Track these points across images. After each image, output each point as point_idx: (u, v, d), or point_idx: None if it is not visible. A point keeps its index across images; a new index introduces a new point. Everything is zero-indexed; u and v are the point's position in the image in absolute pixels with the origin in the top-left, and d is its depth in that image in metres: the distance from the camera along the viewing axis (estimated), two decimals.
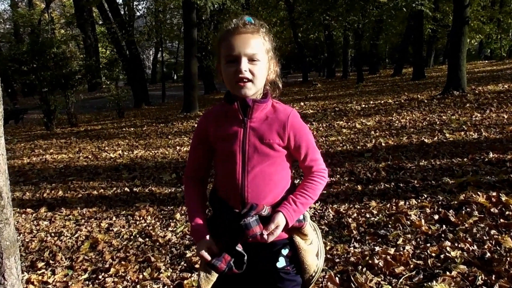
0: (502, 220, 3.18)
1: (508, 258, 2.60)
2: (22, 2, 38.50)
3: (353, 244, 3.18)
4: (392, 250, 2.94)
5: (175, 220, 4.22)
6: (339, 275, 2.75)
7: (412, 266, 2.71)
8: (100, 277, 3.20)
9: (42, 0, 36.71)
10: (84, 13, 26.15)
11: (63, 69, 13.58)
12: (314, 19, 18.82)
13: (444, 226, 3.23)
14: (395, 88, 14.98)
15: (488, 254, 2.68)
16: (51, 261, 3.61)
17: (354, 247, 3.13)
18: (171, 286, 2.95)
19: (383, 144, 6.16)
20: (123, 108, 16.15)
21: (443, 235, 3.08)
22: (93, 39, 29.69)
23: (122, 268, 3.28)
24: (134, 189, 5.47)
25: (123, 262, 3.39)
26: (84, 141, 10.42)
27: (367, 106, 10.54)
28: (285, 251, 1.56)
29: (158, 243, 3.72)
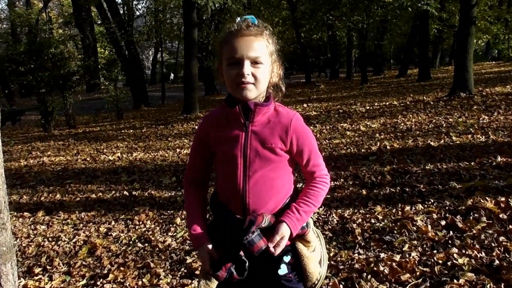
0: (511, 226, 3.16)
1: None
2: (20, 1, 38.55)
3: (358, 251, 3.17)
4: (398, 257, 2.93)
5: (175, 225, 4.22)
6: (343, 283, 2.74)
7: (419, 274, 2.70)
8: (99, 283, 3.19)
9: None
10: (83, 13, 26.20)
11: (61, 70, 13.61)
12: (317, 19, 18.85)
13: (451, 232, 3.21)
14: (400, 90, 14.98)
15: (497, 262, 2.67)
16: (48, 267, 3.60)
17: (359, 254, 3.11)
18: None
19: (388, 147, 6.15)
20: (122, 110, 16.18)
21: (450, 242, 3.06)
22: (92, 39, 29.77)
23: (121, 274, 3.27)
24: (133, 193, 5.46)
25: (122, 268, 3.39)
26: (82, 143, 10.43)
27: (372, 108, 10.54)
28: (287, 258, 1.56)
29: (158, 249, 3.71)
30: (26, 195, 5.94)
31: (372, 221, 3.66)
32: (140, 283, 3.12)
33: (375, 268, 2.81)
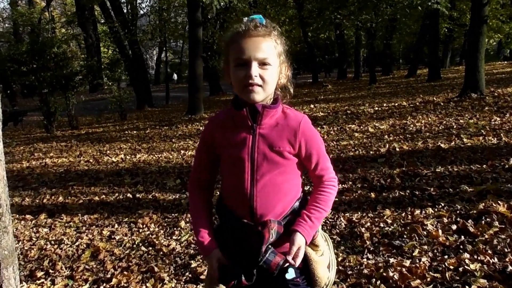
0: None
1: None
2: (22, 0, 38.82)
3: (366, 256, 3.16)
4: (408, 262, 2.91)
5: (180, 228, 4.22)
6: None
7: (429, 280, 2.68)
8: None
9: None
10: (86, 12, 26.37)
11: (64, 70, 13.68)
12: (325, 18, 18.84)
13: (463, 237, 3.19)
14: (410, 90, 14.93)
15: (510, 268, 2.65)
16: (51, 271, 3.61)
17: (368, 259, 3.10)
18: None
19: (397, 149, 6.13)
20: (126, 110, 16.24)
21: (462, 247, 3.04)
22: (95, 39, 29.86)
23: (124, 279, 3.28)
24: (137, 195, 5.48)
25: (125, 272, 3.39)
26: (85, 144, 10.48)
27: (380, 109, 10.51)
28: None
29: (162, 253, 3.71)
30: (28, 197, 5.97)
31: (381, 225, 3.65)
32: None
33: (385, 274, 2.80)
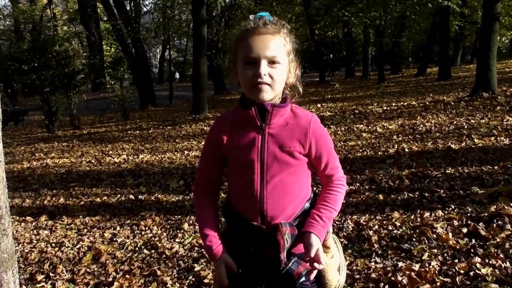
0: None
1: None
2: None
3: (374, 259, 3.15)
4: (417, 266, 2.90)
5: (183, 231, 4.22)
6: None
7: (439, 284, 2.67)
8: None
9: None
10: (88, 9, 26.48)
11: (66, 68, 13.73)
12: (332, 15, 18.78)
13: (474, 241, 3.18)
14: (419, 89, 14.88)
15: None
16: (51, 274, 3.62)
17: (376, 262, 3.09)
18: None
19: (407, 150, 6.10)
20: (128, 110, 16.27)
21: (473, 250, 3.03)
22: (97, 37, 30.01)
23: (126, 282, 3.28)
24: (140, 197, 5.48)
25: (128, 276, 3.40)
26: (87, 145, 10.51)
27: (389, 109, 10.48)
28: None
29: (165, 256, 3.72)
30: (29, 199, 5.99)
31: (390, 228, 3.63)
32: None
33: (393, 278, 2.78)
